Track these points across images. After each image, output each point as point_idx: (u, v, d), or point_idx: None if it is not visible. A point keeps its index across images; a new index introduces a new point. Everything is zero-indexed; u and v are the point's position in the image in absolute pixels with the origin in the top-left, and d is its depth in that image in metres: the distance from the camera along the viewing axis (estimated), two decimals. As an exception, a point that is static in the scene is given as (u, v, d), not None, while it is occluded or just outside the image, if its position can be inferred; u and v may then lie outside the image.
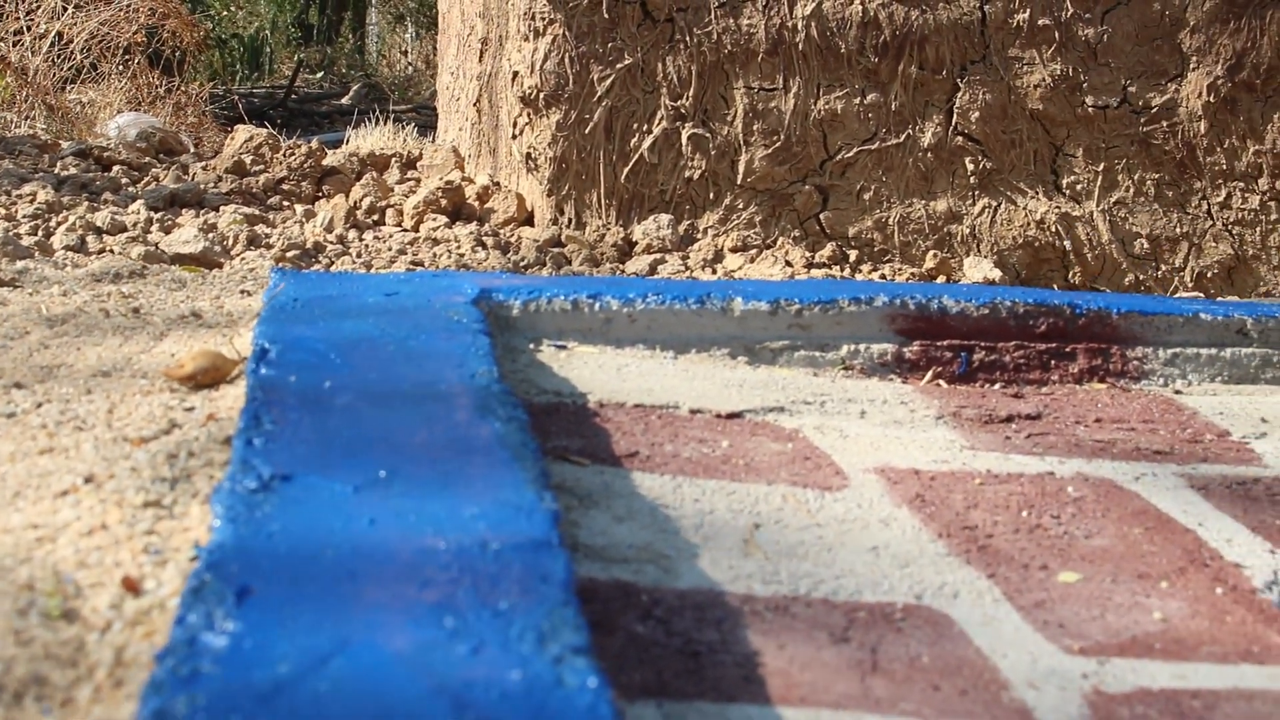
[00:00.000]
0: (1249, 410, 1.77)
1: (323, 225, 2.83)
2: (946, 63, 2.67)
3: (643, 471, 1.36)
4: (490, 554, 0.88)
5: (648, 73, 2.69)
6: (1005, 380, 1.80)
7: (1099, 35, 2.68)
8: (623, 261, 2.66)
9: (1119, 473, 1.49)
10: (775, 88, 2.68)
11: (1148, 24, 2.69)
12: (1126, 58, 2.70)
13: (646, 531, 1.21)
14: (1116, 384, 1.82)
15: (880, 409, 1.64)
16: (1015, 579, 1.19)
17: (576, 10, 2.68)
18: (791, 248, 2.69)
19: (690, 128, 2.69)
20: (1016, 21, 2.67)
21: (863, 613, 1.10)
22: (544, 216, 2.78)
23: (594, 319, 1.72)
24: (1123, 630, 1.11)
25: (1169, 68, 2.71)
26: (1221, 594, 1.20)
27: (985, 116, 2.68)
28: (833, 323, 1.77)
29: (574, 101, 2.69)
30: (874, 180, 2.69)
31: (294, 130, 6.73)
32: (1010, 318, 1.81)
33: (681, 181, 2.70)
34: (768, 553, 1.19)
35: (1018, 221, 2.71)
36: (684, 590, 1.10)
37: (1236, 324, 1.87)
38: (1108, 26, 2.68)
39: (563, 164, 2.72)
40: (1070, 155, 2.71)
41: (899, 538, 1.26)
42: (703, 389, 1.63)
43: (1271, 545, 1.32)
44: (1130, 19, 2.69)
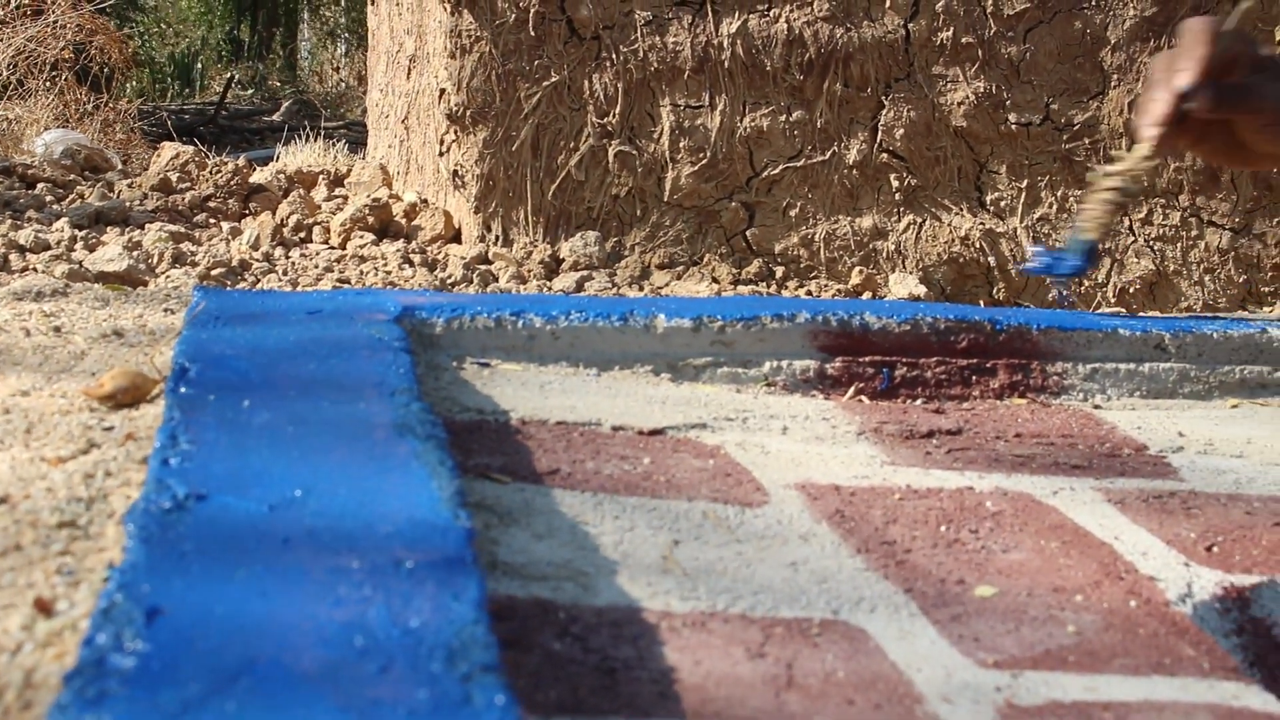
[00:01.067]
0: (1167, 424, 1.79)
1: (249, 243, 2.82)
2: (871, 80, 2.69)
3: (564, 489, 1.36)
4: (404, 572, 0.88)
5: (574, 90, 2.70)
6: (927, 396, 1.81)
7: (1022, 53, 2.71)
8: (550, 279, 2.66)
9: (1037, 487, 1.50)
10: (701, 105, 2.69)
11: (1069, 42, 2.72)
12: (1049, 75, 2.73)
13: (566, 549, 1.21)
14: (1037, 399, 1.83)
15: (802, 425, 1.65)
16: (932, 593, 1.20)
17: (503, 28, 2.68)
18: (718, 264, 2.70)
19: (617, 145, 2.70)
20: (940, 40, 2.69)
21: (780, 628, 1.10)
22: (471, 234, 2.78)
23: (517, 336, 1.72)
24: (1037, 643, 1.12)
25: (1090, 85, 2.74)
26: (1135, 606, 1.22)
27: (910, 134, 2.71)
28: (755, 339, 1.78)
29: (501, 119, 2.70)
30: (800, 197, 2.70)
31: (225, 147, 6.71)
32: (932, 334, 1.83)
33: (608, 199, 2.71)
34: (687, 569, 1.20)
35: (942, 238, 2.73)
36: (602, 607, 1.10)
37: (1155, 339, 1.89)
38: (1030, 45, 2.71)
39: (490, 181, 2.72)
40: (994, 172, 2.74)
41: (818, 553, 1.27)
42: (625, 406, 1.63)
43: (1186, 558, 1.34)
44: (1052, 37, 2.72)
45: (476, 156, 2.72)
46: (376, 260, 2.73)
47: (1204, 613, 1.26)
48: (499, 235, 2.74)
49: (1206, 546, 1.37)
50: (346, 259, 2.76)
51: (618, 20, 2.68)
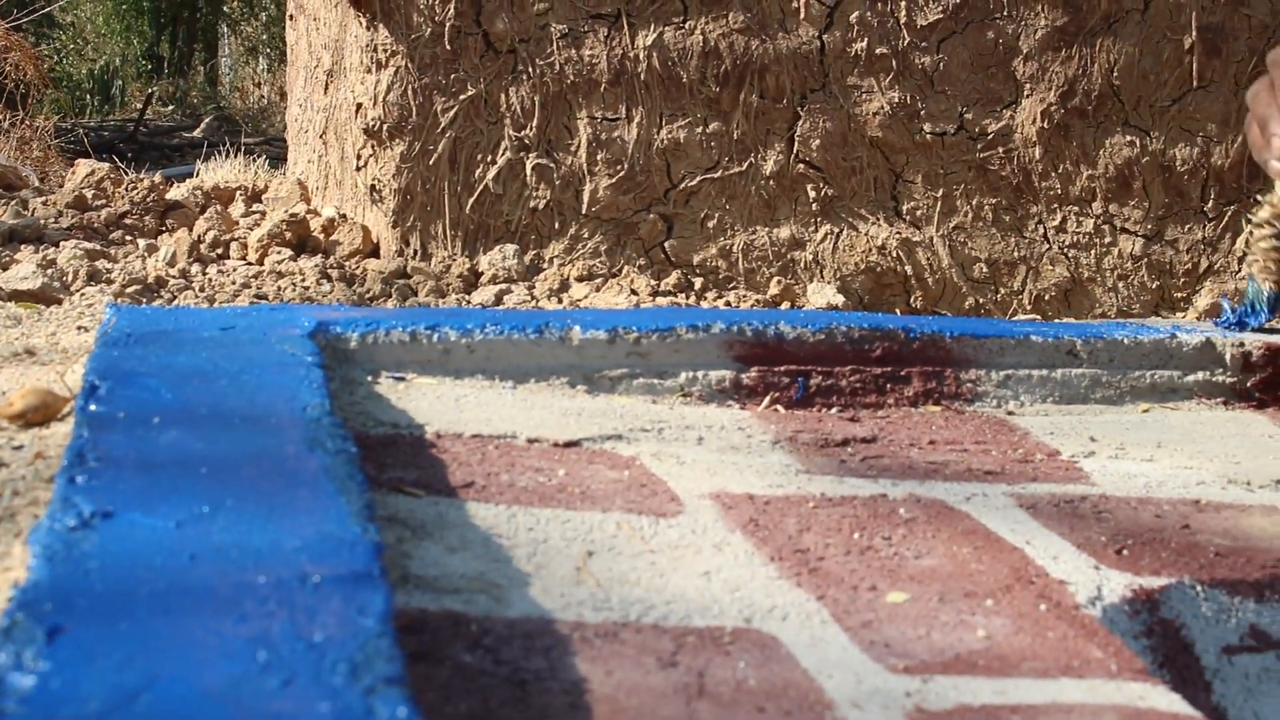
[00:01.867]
0: (1079, 429, 1.80)
1: (165, 260, 2.81)
2: (787, 91, 2.71)
3: (478, 502, 1.36)
4: (310, 587, 0.87)
5: (491, 103, 2.70)
6: (842, 404, 1.82)
7: (935, 63, 2.73)
8: (469, 292, 2.66)
9: (950, 493, 1.51)
10: (618, 117, 2.70)
11: (982, 52, 2.75)
12: (963, 85, 2.75)
13: (479, 561, 1.21)
14: (951, 406, 1.85)
15: (718, 435, 1.66)
16: (844, 600, 1.21)
17: (419, 42, 2.68)
18: (637, 276, 2.70)
19: (534, 158, 2.70)
20: (855, 50, 2.71)
21: (692, 637, 1.10)
22: (389, 248, 2.77)
23: (432, 350, 1.72)
24: (947, 648, 1.13)
25: (1004, 95, 2.76)
26: (1045, 610, 1.23)
27: (826, 144, 2.72)
28: (671, 350, 1.78)
29: (418, 133, 2.69)
30: (718, 208, 2.71)
31: (144, 164, 6.66)
32: (846, 342, 1.84)
33: (527, 212, 2.71)
34: (600, 580, 1.20)
35: (860, 247, 2.74)
36: (514, 619, 1.10)
37: (1067, 345, 1.91)
38: (944, 55, 2.73)
39: (407, 195, 2.72)
40: (910, 182, 2.76)
41: (731, 562, 1.27)
42: (541, 418, 1.64)
43: (1096, 561, 1.35)
44: (965, 47, 2.74)
45: (394, 171, 2.71)
46: (294, 276, 2.72)
47: (1113, 615, 1.27)
48: (417, 249, 2.73)
49: (1117, 550, 1.39)
50: (264, 275, 2.74)
51: (534, 33, 2.68)
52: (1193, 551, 1.41)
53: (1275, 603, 1.37)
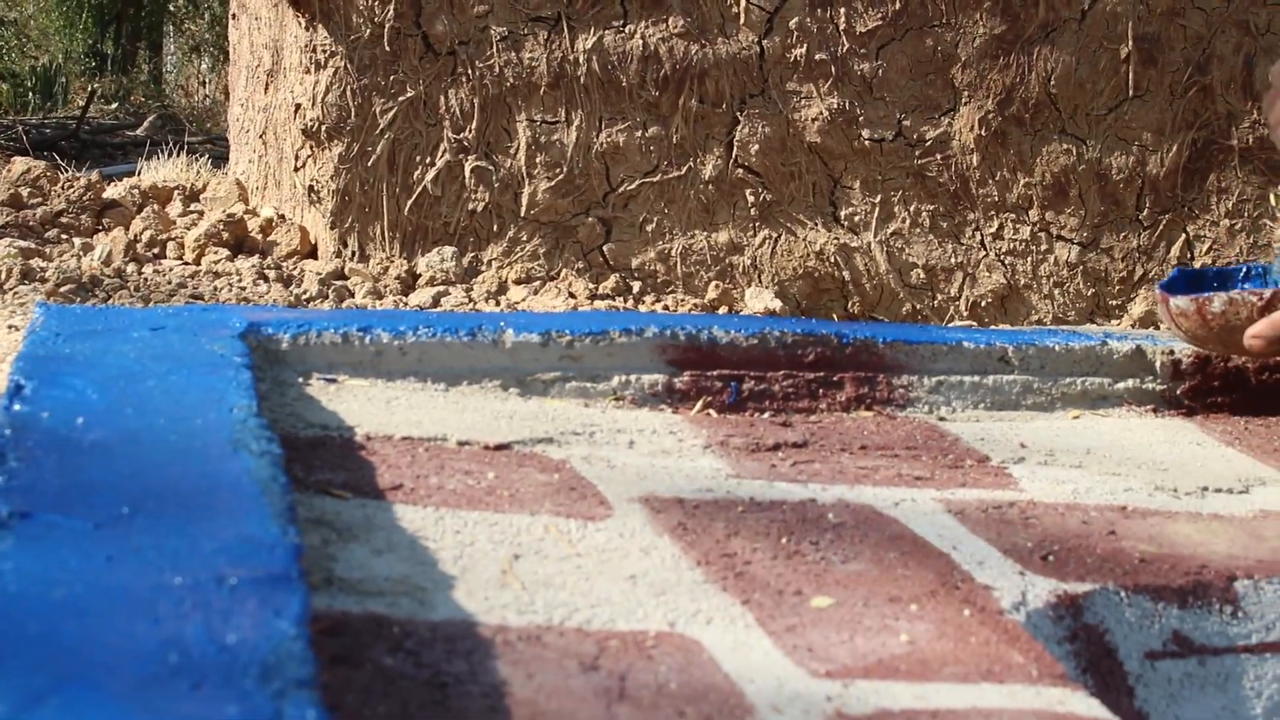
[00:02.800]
0: (1009, 436, 1.81)
1: (100, 259, 2.79)
2: (726, 96, 2.71)
3: (406, 504, 1.36)
4: (226, 589, 0.87)
5: (430, 105, 2.69)
6: (774, 409, 1.82)
7: (874, 70, 2.74)
8: (406, 294, 2.65)
9: (880, 499, 1.52)
10: (557, 120, 2.70)
11: (921, 59, 2.75)
12: (901, 92, 2.76)
13: (405, 564, 1.21)
14: (883, 411, 1.85)
15: (649, 439, 1.66)
16: (769, 605, 1.21)
17: (358, 43, 2.67)
18: (575, 279, 2.70)
19: (473, 160, 2.69)
20: (794, 56, 2.71)
21: (615, 641, 1.11)
22: (327, 249, 2.76)
23: (364, 352, 1.72)
24: (869, 653, 1.13)
25: (942, 102, 2.77)
26: (969, 615, 1.23)
27: (765, 149, 2.72)
28: (604, 354, 1.78)
29: (356, 134, 2.68)
30: (656, 212, 2.71)
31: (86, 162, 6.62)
32: (779, 347, 1.84)
33: (465, 214, 2.70)
34: (525, 583, 1.20)
35: (798, 252, 2.75)
36: (437, 622, 1.10)
37: (998, 352, 1.92)
38: (882, 61, 2.74)
39: (345, 197, 2.70)
40: (848, 187, 2.76)
41: (658, 566, 1.27)
42: (472, 421, 1.63)
43: (1022, 567, 1.36)
44: (904, 54, 2.75)
45: (332, 172, 2.70)
46: (231, 276, 2.70)
47: (1037, 621, 1.28)
48: (355, 251, 2.72)
49: (1043, 556, 1.40)
50: (200, 275, 2.73)
51: (474, 36, 2.68)
52: (1118, 558, 1.42)
53: (1198, 609, 1.38)
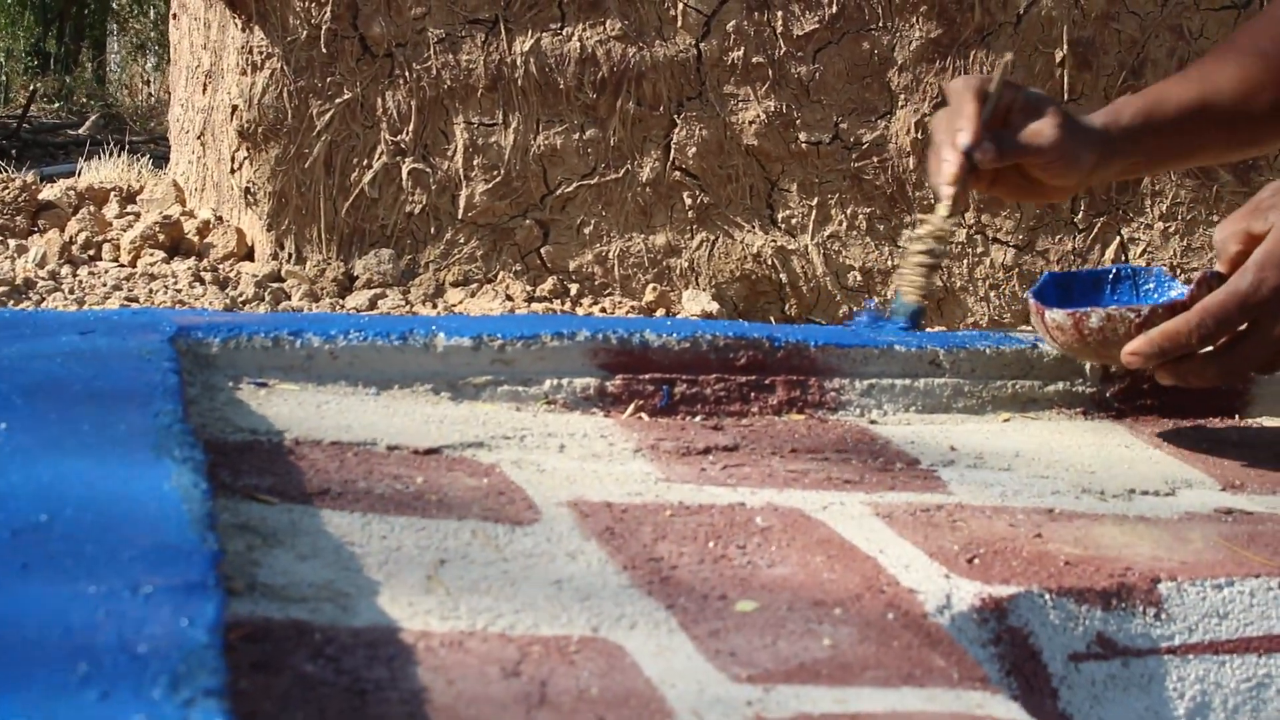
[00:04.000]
0: (939, 439, 1.82)
1: (34, 261, 2.78)
2: (664, 99, 2.72)
3: (333, 509, 1.35)
4: (141, 598, 0.87)
5: (367, 107, 2.69)
6: (706, 412, 1.83)
7: (811, 73, 2.75)
8: (343, 296, 2.65)
9: (808, 502, 1.53)
10: (495, 123, 2.70)
11: (858, 63, 2.77)
12: (838, 95, 2.77)
13: (329, 569, 1.21)
14: (814, 415, 1.86)
15: (580, 443, 1.66)
16: (694, 609, 1.22)
17: (295, 45, 2.67)
18: (512, 282, 2.71)
19: (411, 162, 2.70)
20: (731, 59, 2.72)
21: (538, 646, 1.11)
22: (264, 251, 2.76)
23: (295, 356, 1.71)
24: (791, 657, 1.14)
25: (879, 105, 2.79)
26: (893, 619, 1.24)
27: (702, 152, 2.73)
28: (536, 358, 1.79)
29: (293, 136, 2.68)
30: (594, 214, 2.72)
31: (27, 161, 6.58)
32: (711, 350, 1.85)
33: (403, 216, 2.70)
34: (450, 588, 1.20)
35: (735, 255, 2.76)
36: (359, 628, 1.10)
37: (930, 355, 1.93)
38: (819, 65, 2.75)
39: (282, 199, 2.70)
40: (785, 190, 2.78)
41: (584, 571, 1.28)
42: (403, 425, 1.63)
43: (947, 570, 1.37)
44: (841, 58, 2.77)
45: (269, 174, 2.70)
46: (167, 278, 2.70)
47: (961, 623, 1.29)
48: (292, 253, 2.72)
49: (968, 559, 1.40)
50: (136, 277, 2.72)
51: (411, 38, 2.68)
52: (1043, 560, 1.43)
53: (1122, 611, 1.39)
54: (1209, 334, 1.72)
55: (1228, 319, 1.71)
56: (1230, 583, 1.43)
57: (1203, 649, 1.42)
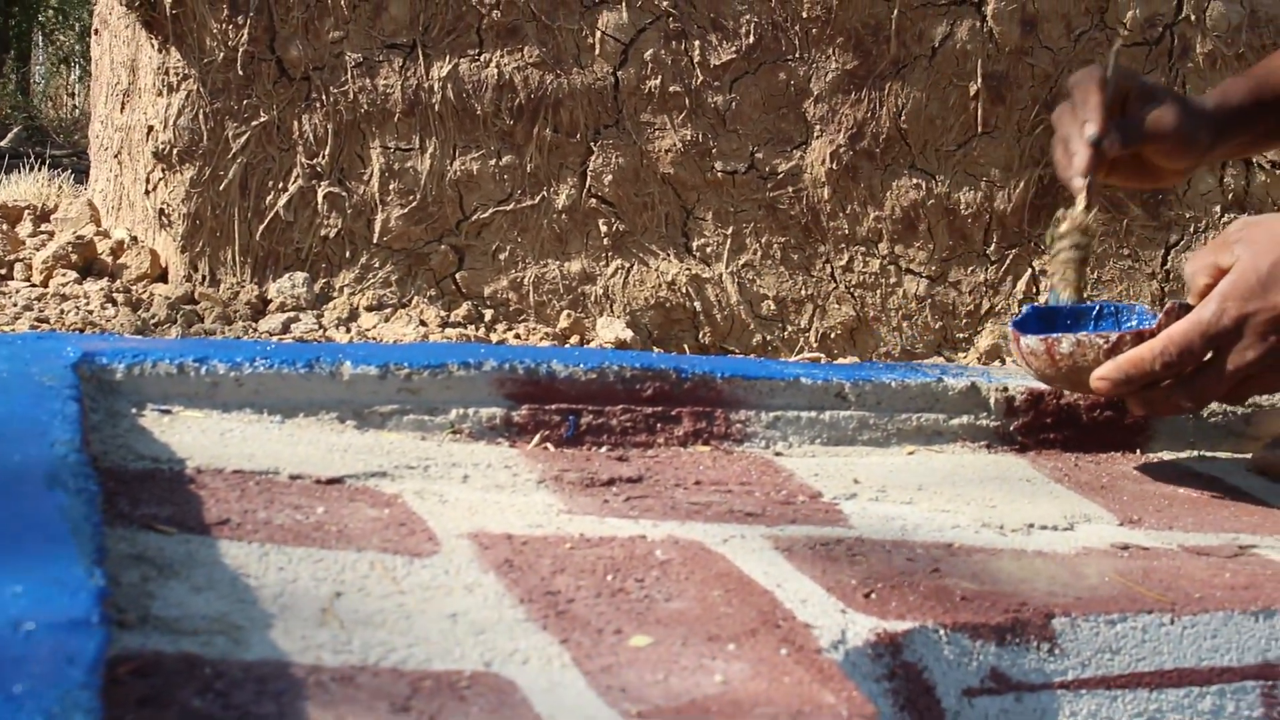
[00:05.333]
0: (844, 471, 1.84)
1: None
2: (581, 126, 2.73)
3: (231, 540, 1.35)
4: (21, 635, 0.87)
5: (284, 130, 2.68)
6: (612, 443, 1.84)
7: (728, 103, 2.76)
8: (256, 320, 2.64)
9: (709, 535, 1.53)
10: (412, 148, 2.70)
11: (774, 93, 2.79)
12: (754, 125, 2.79)
13: (224, 602, 1.20)
14: (720, 446, 1.87)
15: (484, 473, 1.66)
16: (588, 644, 1.22)
17: (211, 66, 2.66)
18: (427, 307, 2.70)
19: (326, 186, 2.69)
20: (648, 88, 2.73)
21: (429, 681, 1.11)
22: (178, 273, 2.74)
23: (200, 383, 1.71)
24: (683, 693, 1.15)
25: (794, 135, 2.80)
26: (786, 654, 1.25)
27: (618, 179, 2.74)
28: (442, 387, 1.79)
29: (208, 158, 2.67)
30: (509, 240, 2.72)
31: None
32: (618, 381, 1.86)
33: (317, 240, 2.69)
34: (344, 621, 1.20)
35: (650, 283, 2.77)
36: (251, 662, 1.10)
37: (835, 388, 1.95)
38: (736, 94, 2.77)
39: (197, 220, 2.69)
40: (700, 218, 2.79)
41: (480, 604, 1.28)
42: (306, 454, 1.63)
43: (844, 605, 1.38)
44: (757, 87, 2.78)
45: (183, 195, 2.69)
46: (78, 299, 2.68)
47: (856, 659, 1.30)
48: (206, 275, 2.71)
49: (865, 593, 1.41)
50: (47, 298, 2.70)
51: (328, 61, 2.67)
52: (940, 595, 1.44)
53: (1016, 646, 1.41)
54: (1172, 361, 1.75)
55: (1190, 348, 1.75)
56: (1124, 618, 1.45)
57: (1095, 684, 1.43)
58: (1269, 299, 1.73)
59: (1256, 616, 1.48)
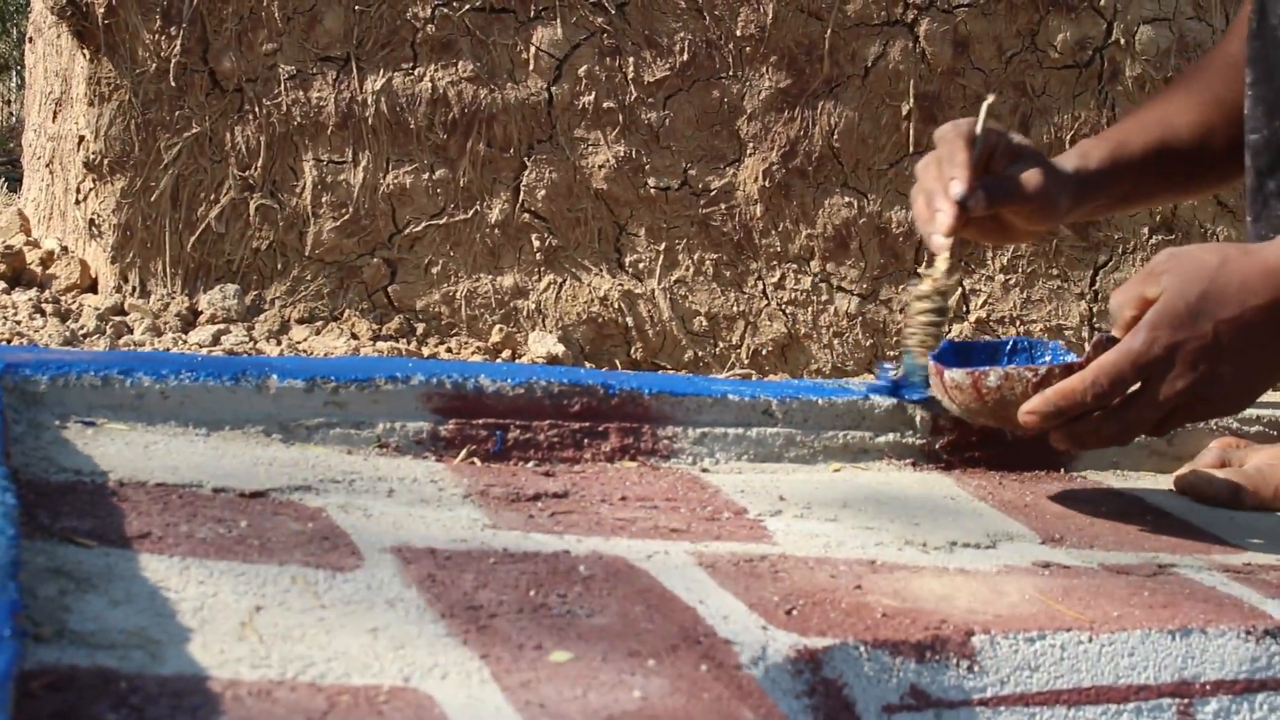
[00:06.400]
0: (770, 488, 1.84)
1: None
2: (514, 141, 2.73)
3: (152, 553, 1.34)
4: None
5: (216, 142, 2.68)
6: (539, 459, 1.84)
7: (661, 119, 2.78)
8: (187, 331, 2.63)
9: (633, 551, 1.54)
10: (345, 161, 2.70)
11: (708, 110, 2.80)
12: (688, 141, 2.80)
13: (142, 616, 1.20)
14: (647, 462, 1.87)
15: (409, 488, 1.66)
16: (508, 659, 1.22)
17: (143, 77, 2.65)
18: (359, 320, 2.70)
19: (258, 198, 2.69)
20: (582, 104, 2.74)
21: (346, 696, 1.11)
22: (108, 284, 2.73)
23: (125, 395, 1.70)
24: (601, 709, 1.15)
25: (727, 152, 2.82)
26: (705, 670, 1.25)
27: (551, 195, 2.75)
28: (369, 401, 1.79)
29: (140, 168, 2.66)
30: (442, 254, 2.72)
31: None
32: (545, 397, 1.86)
33: (249, 252, 2.69)
34: (264, 636, 1.20)
35: (582, 298, 2.77)
36: (167, 676, 1.09)
37: (762, 404, 1.95)
38: (669, 111, 2.78)
39: (127, 231, 2.68)
40: (633, 234, 2.80)
41: (401, 619, 1.28)
42: (231, 467, 1.63)
43: (765, 621, 1.38)
44: (691, 105, 2.79)
45: (114, 206, 2.68)
46: (6, 309, 2.67)
47: (775, 675, 1.30)
48: (136, 286, 2.70)
49: (787, 610, 1.42)
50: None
51: (261, 73, 2.67)
52: (861, 612, 1.45)
53: (936, 663, 1.42)
54: (1103, 392, 1.73)
55: (1121, 377, 1.73)
56: (1043, 636, 1.46)
57: (1014, 701, 1.44)
58: (1199, 327, 1.72)
59: (1173, 635, 1.49)
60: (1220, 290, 1.73)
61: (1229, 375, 1.74)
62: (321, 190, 2.68)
